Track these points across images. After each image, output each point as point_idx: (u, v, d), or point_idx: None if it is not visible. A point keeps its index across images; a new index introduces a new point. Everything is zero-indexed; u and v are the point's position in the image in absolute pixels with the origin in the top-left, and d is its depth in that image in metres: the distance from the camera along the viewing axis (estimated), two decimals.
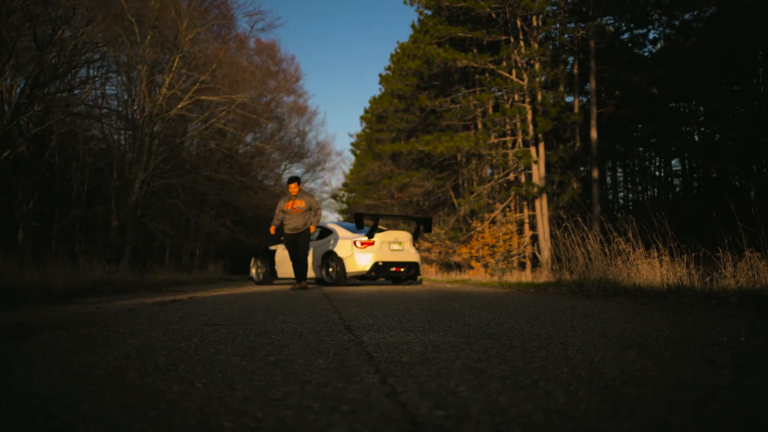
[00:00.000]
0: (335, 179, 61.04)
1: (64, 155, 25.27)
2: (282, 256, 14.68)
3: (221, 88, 26.04)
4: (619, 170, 35.21)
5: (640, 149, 31.68)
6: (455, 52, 23.94)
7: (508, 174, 25.76)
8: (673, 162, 31.68)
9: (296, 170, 59.01)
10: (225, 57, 27.43)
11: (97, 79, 26.22)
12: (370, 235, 13.02)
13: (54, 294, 7.82)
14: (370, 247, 12.94)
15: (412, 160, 31.27)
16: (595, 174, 24.21)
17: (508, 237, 24.84)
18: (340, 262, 12.99)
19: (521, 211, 26.01)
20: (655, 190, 33.18)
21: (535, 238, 24.99)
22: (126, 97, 28.77)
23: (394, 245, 13.32)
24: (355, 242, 12.93)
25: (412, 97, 28.49)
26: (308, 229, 11.42)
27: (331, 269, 13.24)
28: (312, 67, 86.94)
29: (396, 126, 30.93)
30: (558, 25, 24.89)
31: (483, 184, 25.89)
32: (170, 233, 28.27)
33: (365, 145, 42.38)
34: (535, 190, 23.74)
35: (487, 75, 25.86)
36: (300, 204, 11.47)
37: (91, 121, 26.43)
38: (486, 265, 24.66)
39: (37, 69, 21.13)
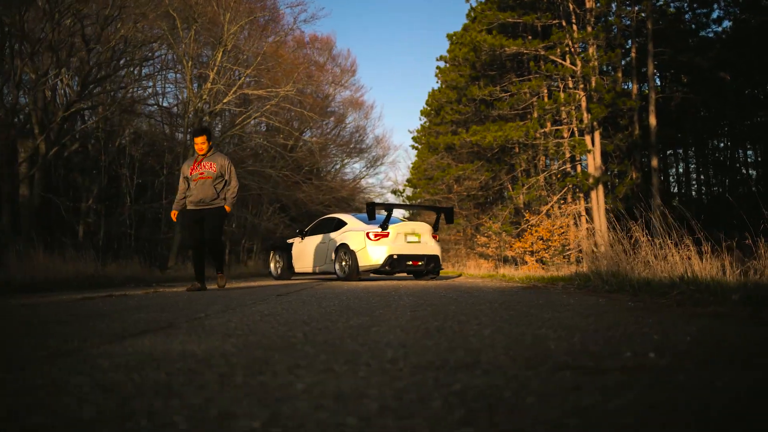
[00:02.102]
0: (400, 174, 60.44)
1: (112, 152, 25.44)
2: (299, 249, 14.10)
3: (268, 83, 25.71)
4: (692, 160, 33.41)
5: (713, 139, 29.93)
6: (503, 39, 22.95)
7: (563, 164, 24.64)
8: (749, 152, 29.88)
9: (355, 165, 58.60)
10: (270, 50, 27.12)
11: (145, 76, 26.24)
12: (384, 227, 12.23)
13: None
14: (384, 240, 12.14)
15: (467, 153, 30.40)
16: (655, 163, 22.87)
17: (563, 230, 23.72)
18: (352, 255, 12.26)
19: (577, 203, 24.82)
20: (727, 181, 31.31)
21: (591, 232, 23.77)
22: (171, 92, 28.92)
23: (411, 237, 12.50)
24: (368, 234, 12.17)
25: (465, 88, 27.59)
26: (221, 207, 8.47)
27: (343, 263, 12.52)
28: (369, 61, 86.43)
29: (449, 118, 30.07)
30: (614, 6, 23.59)
31: (536, 176, 24.80)
32: (227, 229, 28.11)
33: (425, 139, 41.66)
34: (591, 180, 22.57)
35: (541, 62, 24.73)
36: (209, 168, 8.41)
37: (139, 117, 26.54)
38: (540, 261, 23.62)
39: (86, 67, 21.24)
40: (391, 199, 49.50)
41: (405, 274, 14.01)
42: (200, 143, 8.45)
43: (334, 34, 57.31)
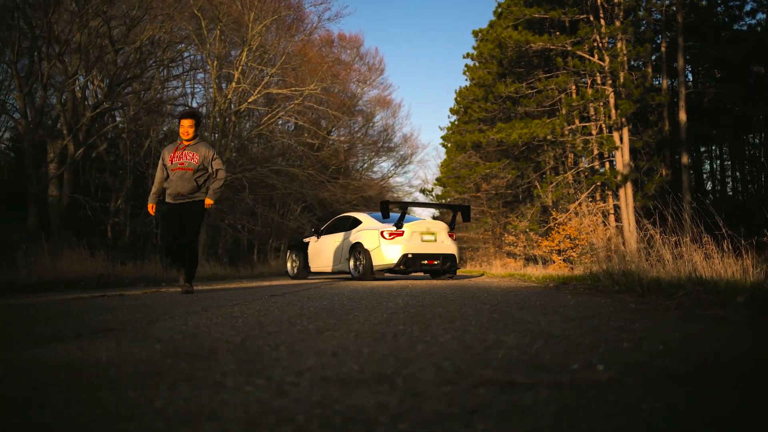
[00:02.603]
0: (431, 173, 59.96)
1: (139, 152, 25.54)
2: (314, 248, 13.88)
3: (292, 82, 25.59)
4: (727, 157, 32.52)
5: (748, 135, 29.08)
6: (528, 34, 22.51)
7: (591, 162, 24.14)
8: None
9: (383, 164, 58.41)
10: (296, 49, 27.01)
11: (173, 77, 26.31)
12: (399, 225, 11.94)
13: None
14: (398, 238, 11.83)
15: (494, 151, 30.00)
16: (685, 160, 22.25)
17: (591, 229, 23.21)
18: (366, 254, 11.98)
19: (605, 202, 24.29)
20: (763, 177, 30.41)
21: (620, 231, 23.24)
22: (200, 93, 28.98)
23: (427, 236, 12.18)
24: (382, 233, 11.88)
25: (492, 85, 27.18)
26: (201, 203, 7.56)
27: (358, 262, 12.26)
28: (396, 59, 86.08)
29: (476, 116, 29.66)
30: (643, 0, 23.02)
31: (563, 174, 24.32)
32: (254, 228, 28.06)
33: (453, 138, 41.29)
34: (619, 178, 22.05)
35: (568, 58, 24.21)
36: (191, 158, 7.45)
37: (166, 118, 26.63)
38: (568, 260, 23.14)
39: (113, 69, 21.34)
40: (421, 198, 49.10)
41: (423, 274, 13.71)
42: (187, 126, 7.49)
43: (362, 33, 57.22)
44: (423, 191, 48.98)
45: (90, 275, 9.99)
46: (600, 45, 22.41)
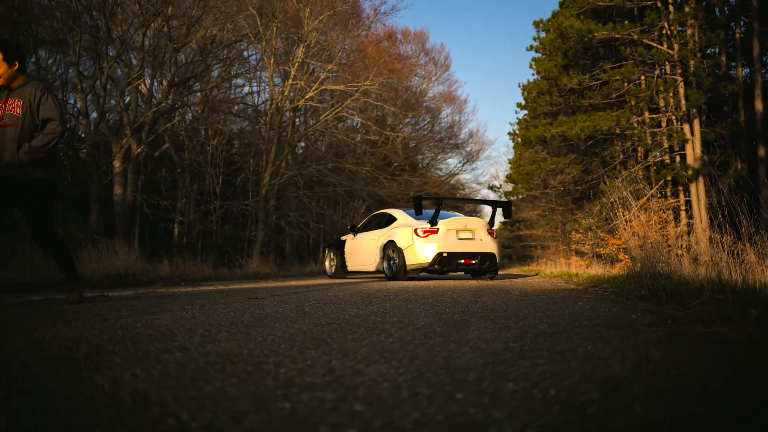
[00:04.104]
0: (502, 170, 58.51)
1: (199, 150, 25.71)
2: (351, 246, 13.41)
3: (348, 78, 25.29)
4: None
5: None
6: (592, 23, 21.53)
7: (660, 155, 22.94)
8: None
9: (450, 160, 57.63)
10: (354, 45, 26.70)
11: (234, 75, 26.40)
12: (433, 222, 11.33)
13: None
14: (433, 236, 11.20)
15: (562, 146, 29.05)
16: (762, 152, 20.85)
17: (660, 226, 22.06)
18: (399, 253, 11.41)
19: (676, 197, 23.06)
20: None
21: (691, 228, 21.99)
22: (255, 90, 29.02)
23: (464, 233, 11.52)
24: (415, 230, 11.28)
25: (557, 78, 26.22)
26: (37, 180, 5.21)
27: (391, 261, 11.71)
28: (460, 53, 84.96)
29: (541, 110, 28.72)
30: None
31: (630, 168, 23.19)
32: (317, 227, 27.94)
33: (521, 133, 40.36)
34: (690, 172, 20.88)
35: (636, 47, 23.03)
36: (12, 108, 5.19)
37: (227, 116, 26.73)
38: (634, 258, 22.02)
39: (174, 68, 21.49)
40: (491, 196, 48.20)
41: (463, 274, 13.10)
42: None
43: (427, 28, 56.60)
44: (491, 188, 48.15)
45: (106, 274, 9.81)
46: (668, 32, 21.25)
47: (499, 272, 20.40)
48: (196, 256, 19.84)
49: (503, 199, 40.41)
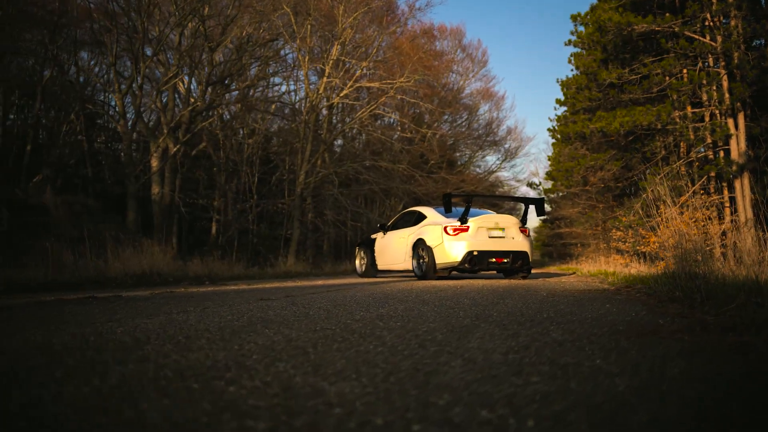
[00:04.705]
0: (542, 167, 57.84)
1: (235, 149, 25.72)
2: (381, 245, 13.12)
3: (383, 75, 25.07)
4: None
5: None
6: (631, 16, 20.92)
7: (703, 150, 22.25)
8: None
9: (488, 158, 57.17)
10: (389, 42, 26.47)
11: (270, 74, 26.39)
12: (463, 220, 10.98)
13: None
14: (463, 234, 10.84)
15: (602, 142, 28.40)
16: None
17: (702, 224, 21.38)
18: (429, 251, 11.08)
19: (720, 194, 22.33)
20: None
21: (736, 225, 21.24)
22: (291, 88, 28.96)
23: (495, 231, 11.14)
24: (445, 228, 10.92)
25: (596, 73, 25.59)
26: None
27: (421, 260, 11.39)
28: (497, 49, 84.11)
29: (579, 105, 28.09)
30: None
31: (672, 164, 22.52)
32: (354, 225, 27.80)
33: (560, 129, 39.67)
34: (734, 168, 20.19)
35: (679, 41, 22.32)
36: None
37: (264, 115, 26.73)
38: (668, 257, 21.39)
39: (210, 67, 21.52)
40: (531, 194, 47.48)
41: (496, 273, 12.73)
42: None
43: (464, 25, 56.10)
44: (530, 185, 47.38)
45: (130, 274, 9.71)
46: (711, 24, 20.56)
47: (536, 271, 20.00)
48: (230, 254, 19.80)
49: (542, 196, 39.79)
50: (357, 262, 14.13)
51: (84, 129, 24.75)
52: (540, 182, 46.64)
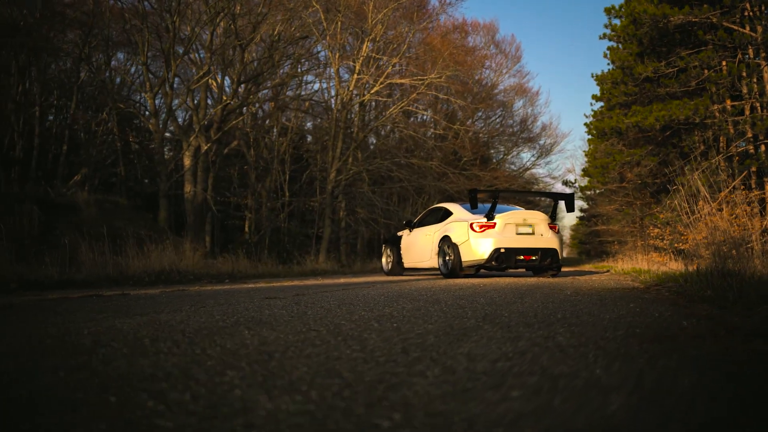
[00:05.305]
0: (578, 163, 56.65)
1: (265, 147, 25.67)
2: (407, 242, 12.80)
3: (414, 71, 24.78)
4: None
5: None
6: (666, 7, 20.31)
7: (744, 144, 21.54)
8: None
9: (523, 154, 56.57)
10: (420, 38, 26.18)
11: (301, 72, 26.30)
12: (490, 216, 10.60)
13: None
14: (489, 231, 10.46)
15: (637, 138, 27.77)
16: None
17: (742, 221, 20.72)
18: (455, 249, 10.73)
19: (762, 189, 21.61)
20: None
21: None
22: (324, 86, 28.81)
23: (523, 228, 10.75)
24: (471, 225, 10.54)
25: (632, 67, 24.96)
26: None
27: (447, 258, 11.04)
28: (531, 44, 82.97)
29: (615, 101, 27.47)
30: None
31: (711, 159, 21.84)
32: (387, 223, 27.54)
33: (595, 125, 39.00)
34: None
35: (718, 32, 21.62)
36: None
37: (294, 112, 26.64)
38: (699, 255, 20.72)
39: (241, 66, 21.47)
40: (568, 191, 46.75)
41: (524, 271, 12.36)
42: None
43: (497, 20, 55.45)
44: (565, 183, 46.65)
45: (153, 271, 9.58)
46: (751, 14, 19.88)
47: (570, 269, 19.56)
48: (258, 252, 19.69)
49: (572, 192, 39.16)
50: (383, 260, 13.85)
51: (118, 129, 24.92)
52: (576, 179, 45.91)
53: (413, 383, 1.74)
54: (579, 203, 49.57)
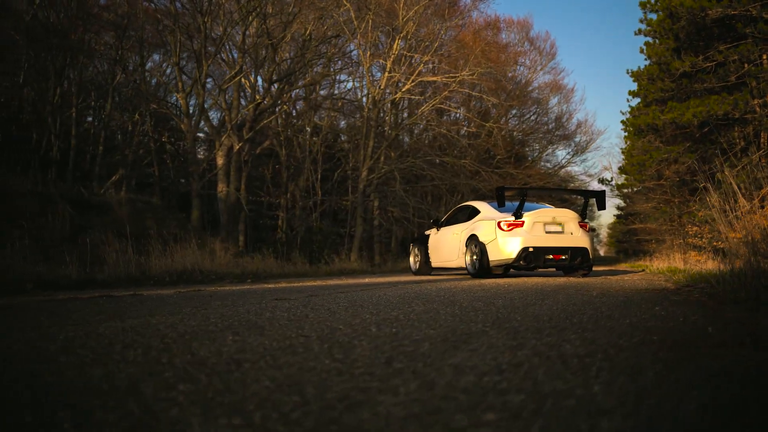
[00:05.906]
0: (615, 161, 55.79)
1: (297, 146, 25.63)
2: (434, 241, 12.55)
3: (446, 68, 24.54)
4: None
5: None
6: (703, 0, 19.72)
7: None
8: None
9: (558, 152, 55.84)
10: (452, 35, 25.92)
11: (334, 71, 26.22)
12: (518, 215, 10.30)
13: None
14: (517, 230, 10.14)
15: (675, 135, 27.15)
16: None
17: None
18: (482, 248, 10.45)
19: None
20: None
21: None
22: (356, 85, 28.67)
23: (552, 226, 10.41)
24: (499, 223, 10.25)
25: (668, 62, 24.37)
26: None
27: (474, 257, 10.76)
28: (565, 40, 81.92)
29: (651, 97, 26.89)
30: None
31: (750, 155, 21.21)
32: (420, 222, 27.31)
33: (631, 122, 38.29)
34: None
35: (757, 24, 20.95)
36: None
37: (327, 111, 26.57)
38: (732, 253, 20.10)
39: (273, 66, 21.45)
40: (603, 188, 46.05)
41: (554, 270, 12.03)
42: None
43: (531, 17, 54.82)
44: (601, 181, 45.93)
45: (175, 271, 9.51)
46: None
47: (604, 268, 19.14)
48: (288, 252, 19.60)
49: (615, 192, 38.56)
50: (411, 259, 13.63)
51: (152, 129, 25.11)
52: (612, 177, 45.21)
53: (379, 402, 1.54)
54: (616, 201, 48.90)
